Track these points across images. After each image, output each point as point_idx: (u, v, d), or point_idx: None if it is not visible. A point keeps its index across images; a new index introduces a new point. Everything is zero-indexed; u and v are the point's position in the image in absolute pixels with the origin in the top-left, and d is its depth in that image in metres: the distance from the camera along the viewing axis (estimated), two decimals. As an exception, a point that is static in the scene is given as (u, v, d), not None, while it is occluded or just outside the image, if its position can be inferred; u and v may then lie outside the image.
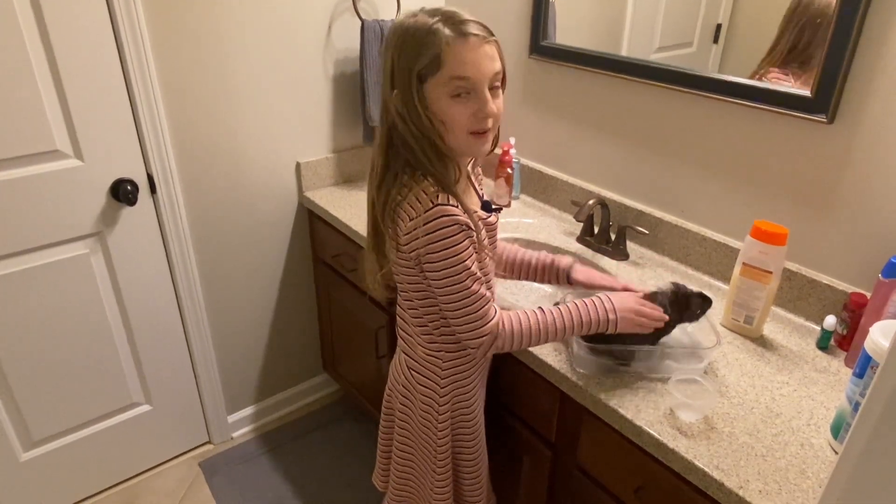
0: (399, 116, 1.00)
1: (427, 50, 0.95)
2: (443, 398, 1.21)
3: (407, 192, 1.03)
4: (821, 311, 1.31)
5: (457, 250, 1.01)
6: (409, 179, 1.03)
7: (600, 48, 1.64)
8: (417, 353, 1.22)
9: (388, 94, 1.02)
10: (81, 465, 1.91)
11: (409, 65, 0.97)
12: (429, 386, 1.22)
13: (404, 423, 1.29)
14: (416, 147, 1.01)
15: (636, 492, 1.12)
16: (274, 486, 2.02)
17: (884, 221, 1.20)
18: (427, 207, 1.00)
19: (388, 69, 1.00)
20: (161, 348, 1.93)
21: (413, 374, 1.23)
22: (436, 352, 1.19)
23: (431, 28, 0.96)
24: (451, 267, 1.02)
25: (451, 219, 1.00)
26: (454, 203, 1.01)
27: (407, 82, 0.98)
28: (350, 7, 1.87)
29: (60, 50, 1.47)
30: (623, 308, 1.11)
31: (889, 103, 1.14)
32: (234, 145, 1.83)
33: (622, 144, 1.66)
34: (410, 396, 1.25)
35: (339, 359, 2.21)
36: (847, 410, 0.97)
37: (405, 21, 0.99)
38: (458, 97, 0.99)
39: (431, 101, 0.99)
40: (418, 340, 1.20)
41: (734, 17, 1.38)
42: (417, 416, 1.25)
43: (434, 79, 0.97)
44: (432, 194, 1.00)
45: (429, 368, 1.21)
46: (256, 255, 2.02)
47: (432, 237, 1.00)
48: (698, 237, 1.51)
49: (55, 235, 1.62)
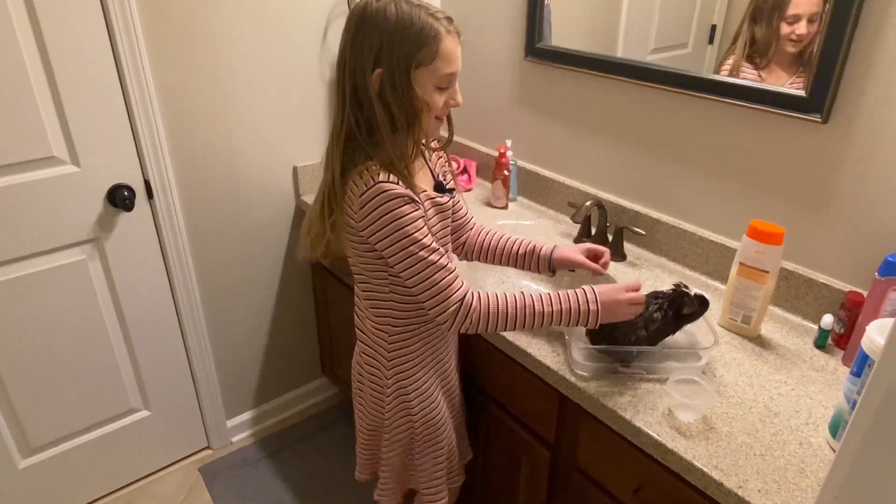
0: (379, 95, 1.02)
1: (428, 42, 1.01)
2: (389, 380, 1.24)
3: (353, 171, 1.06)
4: (818, 310, 1.32)
5: (402, 223, 1.03)
6: (363, 158, 1.06)
7: (596, 50, 1.64)
8: (367, 327, 1.25)
9: (363, 72, 1.02)
10: (80, 472, 1.90)
11: (408, 51, 1.00)
12: (376, 360, 1.25)
13: (358, 400, 1.34)
14: (386, 123, 1.03)
15: (635, 492, 1.12)
16: (273, 490, 2.01)
17: (880, 220, 1.20)
18: (368, 184, 1.03)
19: (368, 48, 1.01)
20: (159, 353, 1.93)
21: (362, 349, 1.27)
22: (382, 325, 1.21)
23: (428, 21, 1.01)
24: (400, 240, 1.04)
25: (390, 193, 1.02)
26: (395, 180, 1.03)
27: (403, 67, 1.01)
28: (345, 11, 1.88)
29: (56, 56, 1.47)
30: (606, 299, 1.10)
31: (883, 102, 1.14)
32: (231, 149, 1.83)
33: (618, 146, 1.66)
34: (362, 371, 1.29)
35: (338, 362, 2.21)
36: (845, 409, 0.97)
37: (388, 6, 1.00)
38: (440, 88, 1.06)
39: (417, 87, 1.04)
40: (367, 314, 1.23)
41: (729, 18, 1.38)
42: (369, 395, 1.29)
43: (426, 69, 1.03)
44: (374, 172, 1.04)
45: (377, 343, 1.24)
46: (254, 259, 2.01)
47: (375, 214, 1.03)
48: (695, 237, 1.51)
49: (52, 242, 1.62)
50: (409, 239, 1.04)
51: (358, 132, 1.05)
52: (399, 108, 1.03)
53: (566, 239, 1.69)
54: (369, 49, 1.01)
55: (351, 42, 1.03)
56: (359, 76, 1.02)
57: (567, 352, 1.22)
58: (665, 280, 1.50)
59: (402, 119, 1.04)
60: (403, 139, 1.07)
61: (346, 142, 1.06)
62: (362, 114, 1.04)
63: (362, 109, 1.04)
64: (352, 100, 1.04)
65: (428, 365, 1.27)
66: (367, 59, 1.01)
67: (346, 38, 1.04)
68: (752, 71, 1.30)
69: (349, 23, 1.04)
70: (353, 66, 1.03)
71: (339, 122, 1.07)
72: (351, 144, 1.06)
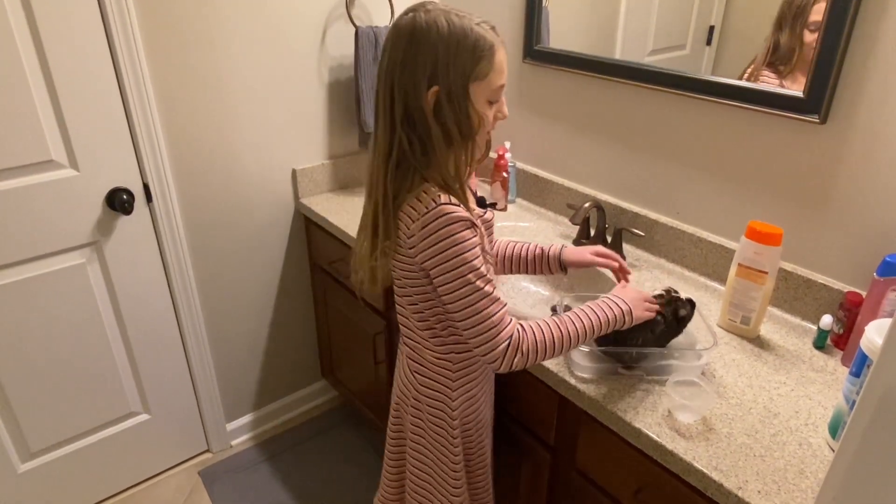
0: (435, 114, 0.99)
1: (485, 55, 0.98)
2: (455, 402, 1.18)
3: (408, 195, 1.02)
4: (817, 310, 1.32)
5: (462, 248, 0.99)
6: (418, 180, 1.02)
7: (594, 52, 1.64)
8: (425, 358, 1.18)
9: (416, 91, 0.98)
10: (80, 476, 1.90)
11: (465, 66, 0.97)
12: (439, 391, 1.18)
13: (417, 437, 1.25)
14: (442, 142, 0.99)
15: (636, 494, 1.12)
16: (274, 493, 2.01)
17: (878, 220, 1.20)
18: (429, 207, 0.98)
19: (422, 66, 0.97)
20: (159, 357, 1.92)
21: (421, 381, 1.20)
22: (445, 354, 1.15)
23: (481, 33, 0.98)
24: (458, 267, 0.99)
25: (454, 216, 0.98)
26: (456, 202, 1.00)
27: (460, 83, 0.98)
28: (344, 14, 1.88)
29: (55, 60, 1.47)
30: (630, 298, 1.11)
31: (881, 102, 1.14)
32: (230, 153, 1.83)
33: (617, 147, 1.66)
34: (420, 406, 1.22)
35: (338, 365, 2.21)
36: (844, 409, 0.97)
37: (438, 19, 0.97)
38: (491, 102, 1.04)
39: (473, 102, 1.01)
40: (426, 344, 1.16)
41: (727, 20, 1.38)
42: (429, 426, 1.22)
43: (482, 82, 1.00)
44: (434, 194, 0.99)
45: (438, 374, 1.18)
46: (253, 262, 2.01)
47: (434, 237, 0.98)
48: (694, 238, 1.52)
49: (51, 245, 1.62)
50: (467, 266, 0.98)
51: (412, 153, 1.00)
52: (455, 126, 0.99)
53: (565, 241, 1.69)
54: (423, 67, 0.96)
55: (401, 61, 0.97)
56: (412, 96, 0.98)
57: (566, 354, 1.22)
58: (664, 281, 1.50)
59: (458, 136, 1.00)
60: (458, 157, 1.03)
61: (397, 165, 1.01)
62: (415, 134, 1.00)
63: (415, 129, 1.00)
64: (403, 121, 0.99)
65: (485, 391, 1.24)
66: (421, 77, 0.97)
67: (393, 57, 0.98)
68: (774, 78, 1.28)
69: (397, 40, 0.98)
70: (404, 86, 0.98)
71: (388, 144, 1.01)
72: (402, 167, 1.01)
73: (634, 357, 1.16)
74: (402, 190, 1.02)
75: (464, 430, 1.22)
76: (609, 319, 1.08)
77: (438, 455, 1.24)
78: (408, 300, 1.14)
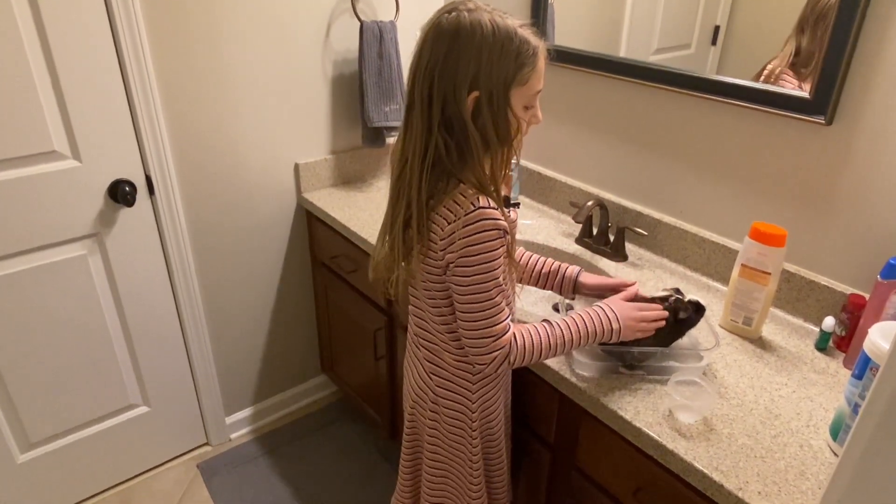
0: (473, 118, 0.97)
1: (528, 61, 0.97)
2: (474, 404, 1.18)
3: (443, 196, 1.00)
4: (819, 312, 1.32)
5: (492, 256, 0.99)
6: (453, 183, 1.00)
7: (599, 50, 1.64)
8: (445, 361, 1.17)
9: (455, 95, 0.96)
10: (79, 467, 1.90)
11: (508, 72, 0.96)
12: (459, 393, 1.18)
13: (433, 439, 1.24)
14: (479, 146, 0.98)
15: (635, 493, 1.12)
16: (272, 487, 2.01)
17: (882, 222, 1.20)
18: (468, 210, 0.97)
19: (464, 70, 0.94)
20: (159, 349, 1.92)
21: (439, 383, 1.19)
22: (465, 357, 1.13)
23: (525, 36, 0.97)
24: (482, 273, 0.99)
25: (492, 222, 0.98)
26: (494, 206, 0.99)
27: (501, 88, 0.96)
28: (349, 8, 1.87)
29: (58, 50, 1.47)
30: (624, 317, 1.11)
31: (888, 104, 1.14)
32: (233, 146, 1.83)
33: (621, 146, 1.66)
34: (438, 409, 1.21)
35: (338, 360, 2.21)
36: (846, 412, 0.97)
37: (482, 19, 0.94)
38: (528, 107, 1.03)
39: (512, 107, 1.00)
40: (446, 347, 1.15)
41: (732, 19, 1.38)
42: (448, 429, 1.21)
43: (522, 88, 0.99)
44: (472, 196, 0.98)
45: (459, 376, 1.17)
46: (255, 256, 2.01)
47: (471, 240, 0.98)
48: (697, 238, 1.51)
49: (53, 237, 1.61)
50: (490, 274, 1.00)
51: (447, 157, 0.99)
52: (493, 130, 0.98)
53: (568, 239, 1.69)
54: (465, 70, 0.94)
55: (443, 61, 0.95)
56: (451, 100, 0.96)
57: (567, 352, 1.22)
58: (667, 281, 1.49)
59: (496, 141, 0.99)
60: (494, 160, 1.02)
61: (432, 166, 0.99)
62: (452, 137, 0.98)
63: (452, 133, 0.98)
64: (441, 124, 0.98)
65: (501, 393, 1.23)
66: (463, 81, 0.95)
67: (433, 56, 0.95)
68: (794, 80, 1.28)
69: (438, 38, 0.95)
70: (444, 89, 0.96)
71: (423, 147, 0.99)
72: (437, 169, 1.00)
73: (636, 356, 1.16)
74: (436, 192, 1.01)
75: (482, 431, 1.21)
76: (598, 333, 1.09)
77: (457, 457, 1.24)
78: (431, 303, 1.12)
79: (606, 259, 1.58)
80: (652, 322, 1.13)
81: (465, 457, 1.23)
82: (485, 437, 1.23)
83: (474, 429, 1.19)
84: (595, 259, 1.59)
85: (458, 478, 1.26)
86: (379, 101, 1.91)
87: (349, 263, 1.86)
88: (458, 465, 1.24)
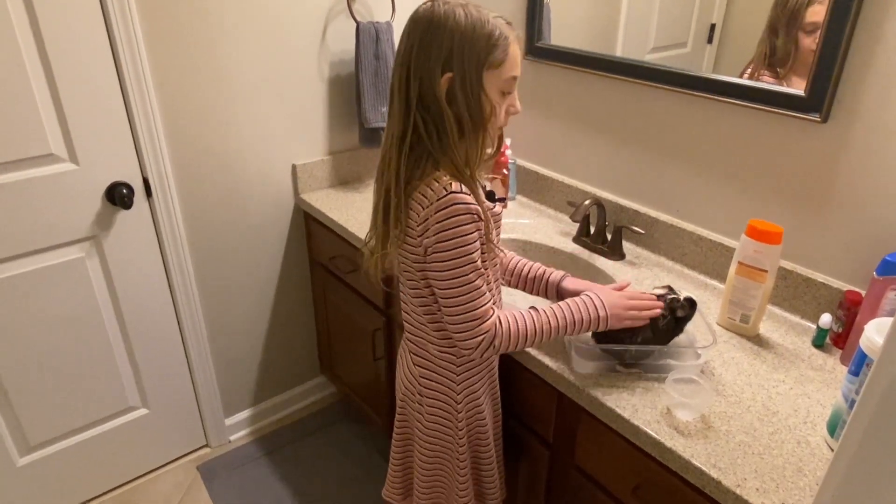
0: (448, 99, 1.00)
1: (499, 44, 1.00)
2: (459, 395, 1.19)
3: (419, 183, 1.03)
4: (816, 309, 1.32)
5: (466, 240, 1.01)
6: (430, 168, 1.03)
7: (595, 49, 1.64)
8: (429, 352, 1.19)
9: (430, 76, 1.00)
10: (78, 470, 1.90)
11: (480, 54, 0.99)
12: (444, 384, 1.19)
13: (422, 432, 1.25)
14: (454, 127, 1.01)
15: (634, 491, 1.12)
16: (272, 488, 2.01)
17: (878, 219, 1.20)
18: (440, 195, 0.99)
19: (437, 52, 0.99)
20: (158, 351, 1.92)
21: (425, 375, 1.21)
22: (449, 348, 1.16)
23: (497, 25, 1.01)
24: (459, 258, 1.01)
25: (464, 206, 0.99)
26: (467, 191, 1.01)
27: (474, 69, 1.00)
28: (345, 9, 1.87)
29: (55, 53, 1.47)
30: (612, 304, 1.12)
31: (882, 101, 1.14)
32: (230, 148, 1.83)
33: (618, 145, 1.66)
34: (424, 401, 1.22)
35: (337, 361, 2.21)
36: (843, 408, 0.97)
37: (456, 9, 0.99)
38: (504, 93, 1.05)
39: (486, 90, 1.02)
40: (430, 339, 1.17)
41: (728, 18, 1.38)
42: (434, 421, 1.23)
43: (495, 71, 1.02)
44: (446, 182, 1.00)
45: (442, 367, 1.18)
46: (253, 257, 2.01)
47: (444, 225, 1.00)
48: (694, 236, 1.52)
49: (50, 239, 1.61)
50: (466, 258, 1.01)
51: (427, 137, 1.02)
52: (468, 112, 1.01)
53: (565, 238, 1.69)
54: (438, 52, 0.99)
55: (418, 46, 1.00)
56: (426, 81, 1.00)
57: (566, 351, 1.22)
58: (664, 279, 1.50)
59: (470, 124, 1.02)
60: (470, 146, 1.04)
61: (410, 149, 1.02)
62: (430, 117, 1.02)
63: (430, 113, 1.01)
64: (418, 104, 1.01)
65: (486, 383, 1.24)
66: (436, 62, 0.99)
67: (409, 43, 1.01)
68: (773, 80, 1.28)
69: (414, 27, 1.01)
70: (419, 71, 1.00)
71: (402, 128, 1.03)
72: (416, 151, 1.03)
73: (634, 355, 1.17)
74: (413, 176, 1.03)
75: (469, 424, 1.23)
76: (585, 321, 1.11)
77: (445, 449, 1.25)
78: (414, 292, 1.14)
79: (604, 258, 1.59)
80: (644, 311, 1.14)
81: (453, 446, 1.24)
82: (473, 431, 1.24)
83: (460, 420, 1.21)
84: (592, 258, 1.59)
85: (448, 468, 1.27)
86: (376, 101, 1.91)
87: (347, 264, 1.86)
88: (447, 455, 1.26)
